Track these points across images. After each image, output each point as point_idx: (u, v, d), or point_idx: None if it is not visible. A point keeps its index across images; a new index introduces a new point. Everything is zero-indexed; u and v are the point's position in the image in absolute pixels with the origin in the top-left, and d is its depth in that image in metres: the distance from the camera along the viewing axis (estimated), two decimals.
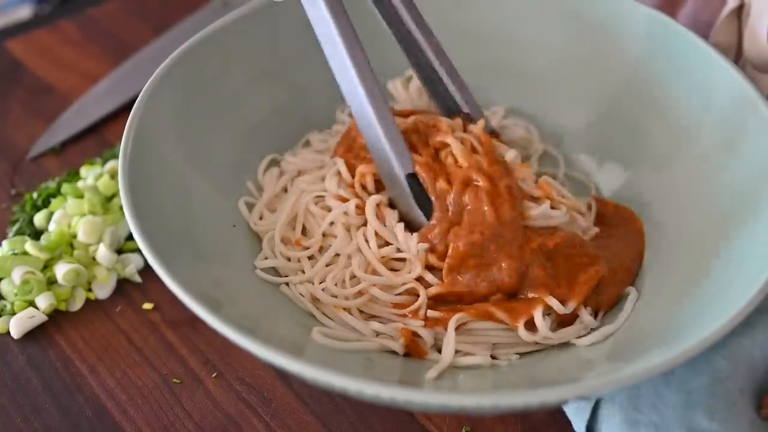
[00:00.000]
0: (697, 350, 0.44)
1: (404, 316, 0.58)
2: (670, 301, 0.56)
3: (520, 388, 0.48)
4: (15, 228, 0.71)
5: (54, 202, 0.72)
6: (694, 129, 0.64)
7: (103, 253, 0.67)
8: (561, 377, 0.51)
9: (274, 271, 0.62)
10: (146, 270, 0.69)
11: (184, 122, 0.63)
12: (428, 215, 0.60)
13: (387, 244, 0.60)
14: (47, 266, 0.67)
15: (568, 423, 0.57)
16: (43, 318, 0.65)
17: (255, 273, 0.61)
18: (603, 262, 0.60)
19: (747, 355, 0.53)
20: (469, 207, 0.59)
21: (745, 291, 0.47)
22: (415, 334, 0.57)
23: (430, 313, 0.57)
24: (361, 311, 0.59)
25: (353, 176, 0.63)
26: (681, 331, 0.49)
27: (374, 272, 0.59)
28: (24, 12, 1.02)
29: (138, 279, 0.68)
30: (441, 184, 0.60)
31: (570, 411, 0.56)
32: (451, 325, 0.56)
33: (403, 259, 0.60)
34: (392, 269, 0.60)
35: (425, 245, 0.59)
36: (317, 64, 0.71)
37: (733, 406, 0.51)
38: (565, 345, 0.56)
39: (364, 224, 0.61)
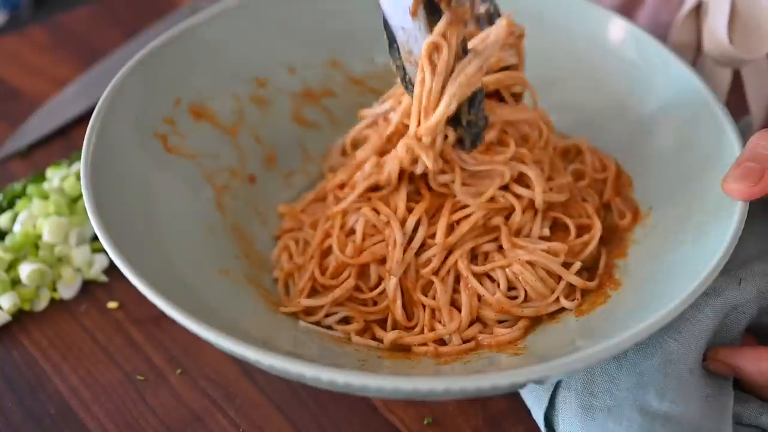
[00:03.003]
0: (644, 335, 0.45)
1: None
2: (627, 291, 0.57)
3: (472, 373, 0.49)
4: None
5: (19, 203, 0.72)
6: (652, 126, 0.65)
7: (75, 249, 0.68)
8: (515, 362, 0.52)
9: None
10: (111, 270, 0.69)
11: (148, 122, 0.64)
12: None
13: None
14: (12, 266, 0.67)
15: (528, 412, 0.58)
16: (7, 318, 0.65)
17: (219, 270, 0.61)
18: None
19: (697, 337, 0.54)
20: None
21: (692, 278, 0.49)
22: None
23: None
24: None
25: None
26: (633, 317, 0.50)
27: None
28: None
29: (104, 278, 0.69)
30: None
31: (528, 400, 0.57)
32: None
33: None
34: None
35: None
36: (282, 65, 0.73)
37: (684, 385, 0.52)
38: None
39: None
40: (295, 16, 0.74)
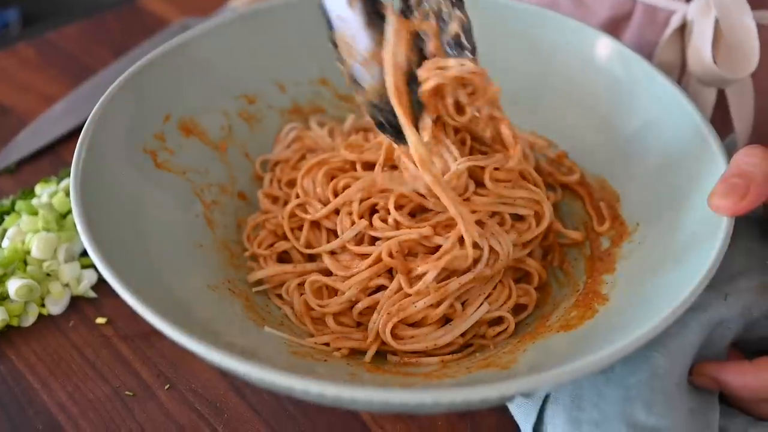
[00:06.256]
0: (631, 349, 0.46)
1: None
2: (614, 305, 0.57)
3: (461, 385, 0.49)
4: None
5: (8, 219, 0.72)
6: (639, 143, 0.66)
7: (63, 264, 0.68)
8: (504, 375, 0.52)
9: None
10: (100, 285, 0.69)
11: (138, 138, 0.64)
12: None
13: None
14: (0, 282, 0.67)
15: (518, 428, 0.58)
16: None
17: (207, 285, 0.61)
18: None
19: (683, 352, 0.54)
20: None
21: (678, 294, 0.49)
22: None
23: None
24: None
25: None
26: (620, 331, 0.50)
27: None
28: None
29: (92, 294, 0.68)
30: None
31: (517, 414, 0.57)
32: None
33: None
34: None
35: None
36: (271, 82, 0.74)
37: (671, 399, 0.52)
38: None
39: None
40: (284, 34, 0.74)
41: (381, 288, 0.61)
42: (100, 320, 0.67)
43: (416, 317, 0.59)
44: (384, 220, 0.62)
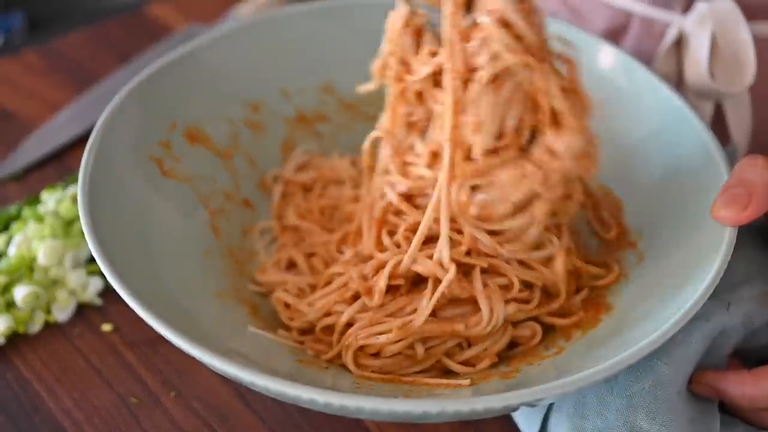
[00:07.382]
0: (634, 359, 0.46)
1: None
2: (618, 315, 0.58)
3: (466, 395, 0.49)
4: None
5: (14, 225, 0.72)
6: (641, 152, 0.66)
7: (70, 271, 0.69)
8: (508, 385, 0.53)
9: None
10: (106, 292, 0.69)
11: (144, 146, 0.65)
12: None
13: None
14: (6, 289, 0.67)
15: None
16: (1, 340, 0.65)
17: (213, 292, 0.62)
18: None
19: (686, 361, 0.54)
20: None
21: (682, 303, 0.49)
22: None
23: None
24: None
25: None
26: (624, 340, 0.50)
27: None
28: None
29: (98, 301, 0.69)
30: None
31: (521, 423, 0.57)
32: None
33: None
34: None
35: None
36: (276, 90, 0.74)
37: (673, 407, 0.53)
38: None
39: None
40: (288, 43, 0.75)
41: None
42: (106, 327, 0.67)
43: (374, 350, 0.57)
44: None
